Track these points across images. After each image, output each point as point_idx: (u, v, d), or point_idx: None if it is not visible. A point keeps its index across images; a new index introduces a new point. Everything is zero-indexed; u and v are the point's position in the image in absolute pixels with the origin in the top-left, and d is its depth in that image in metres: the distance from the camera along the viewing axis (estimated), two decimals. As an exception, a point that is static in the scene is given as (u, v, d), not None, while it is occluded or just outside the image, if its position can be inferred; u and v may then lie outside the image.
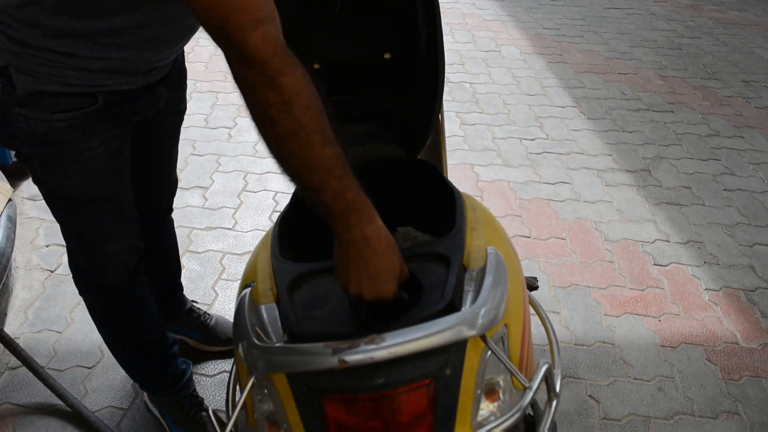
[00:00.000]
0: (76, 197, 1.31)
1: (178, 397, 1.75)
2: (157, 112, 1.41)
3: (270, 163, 3.03)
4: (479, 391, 0.92)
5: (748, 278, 2.42)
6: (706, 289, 2.36)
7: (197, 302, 2.08)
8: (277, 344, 0.91)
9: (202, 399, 1.79)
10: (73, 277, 1.52)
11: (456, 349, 0.89)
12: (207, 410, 1.00)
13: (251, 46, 0.84)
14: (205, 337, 1.99)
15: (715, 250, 2.56)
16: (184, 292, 2.01)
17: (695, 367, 2.03)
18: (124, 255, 1.45)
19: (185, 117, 1.61)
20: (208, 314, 2.03)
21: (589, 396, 1.93)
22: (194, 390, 1.79)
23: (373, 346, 0.83)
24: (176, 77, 1.44)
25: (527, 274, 2.38)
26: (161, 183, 1.67)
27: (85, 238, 1.40)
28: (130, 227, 1.43)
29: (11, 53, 1.12)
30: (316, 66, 1.35)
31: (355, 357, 0.82)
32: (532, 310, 1.39)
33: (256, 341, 0.91)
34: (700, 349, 2.10)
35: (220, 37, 0.87)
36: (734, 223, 2.73)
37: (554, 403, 1.02)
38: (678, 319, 2.22)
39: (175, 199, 1.79)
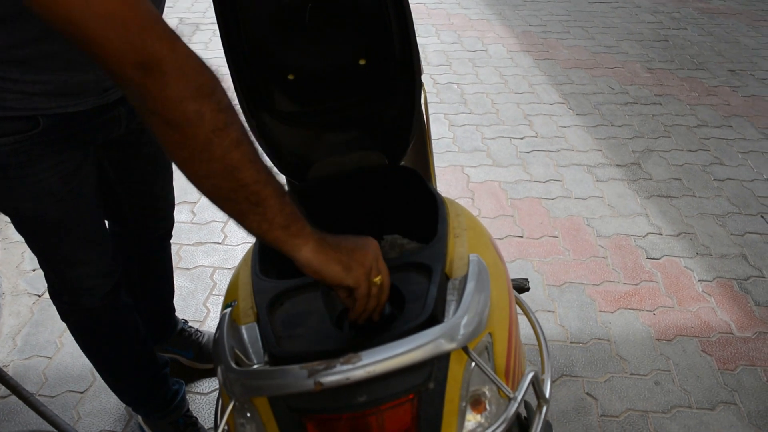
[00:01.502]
0: (33, 221, 1.29)
1: (172, 418, 1.74)
2: (127, 133, 1.38)
3: (260, 174, 3.03)
4: (464, 404, 0.91)
5: (740, 267, 2.42)
6: (699, 281, 2.36)
7: (188, 320, 2.08)
8: (254, 367, 0.89)
9: (197, 419, 1.79)
10: (53, 301, 1.50)
11: (439, 362, 0.88)
12: None
13: (182, 56, 0.72)
14: (198, 356, 1.98)
15: (707, 240, 2.57)
16: (176, 311, 2.00)
17: (691, 360, 2.04)
18: (96, 279, 1.42)
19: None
20: (200, 332, 2.01)
21: (587, 393, 1.93)
22: (188, 410, 1.78)
23: (349, 366, 0.81)
24: None
25: (521, 274, 2.39)
26: (153, 206, 1.63)
27: (52, 262, 1.38)
28: (98, 252, 1.39)
29: None
30: (291, 77, 1.33)
31: (331, 378, 0.80)
32: (521, 312, 1.39)
33: (233, 365, 0.89)
34: (695, 340, 2.11)
35: (134, 59, 0.69)
36: (725, 212, 2.74)
37: (544, 408, 1.01)
38: (672, 311, 2.22)
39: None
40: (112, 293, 1.47)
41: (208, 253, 2.54)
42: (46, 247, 1.35)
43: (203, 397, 1.95)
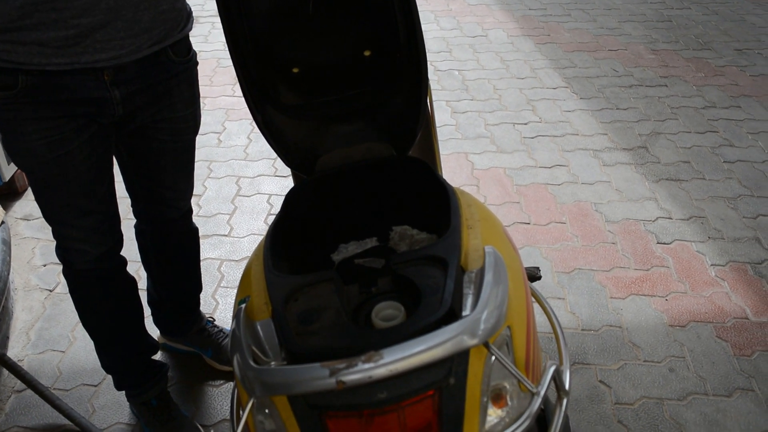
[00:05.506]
0: (28, 175, 1.40)
1: (144, 398, 1.75)
2: (141, 126, 1.45)
3: (262, 166, 3.00)
4: (486, 399, 0.90)
5: (753, 251, 2.38)
6: (712, 265, 2.32)
7: (214, 319, 2.05)
8: (273, 365, 0.88)
9: (173, 403, 1.79)
10: (56, 256, 1.59)
11: (459, 358, 0.87)
12: None
13: None
14: (216, 356, 1.96)
15: (718, 224, 2.53)
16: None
17: (706, 345, 2.00)
18: (83, 244, 1.50)
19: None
20: (223, 332, 1.99)
21: (600, 381, 1.90)
22: (163, 392, 1.79)
23: (371, 365, 0.80)
24: (146, 89, 1.41)
25: (529, 261, 2.35)
26: (160, 193, 1.65)
27: (47, 215, 1.48)
28: (88, 221, 1.47)
29: None
30: (296, 70, 1.31)
31: (353, 377, 0.80)
32: (534, 301, 1.36)
33: (252, 363, 0.88)
34: (710, 326, 2.07)
35: None
36: (736, 195, 2.69)
37: (564, 401, 0.99)
38: (685, 297, 2.19)
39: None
40: (102, 261, 1.54)
41: (214, 245, 2.52)
42: (40, 201, 1.45)
43: (214, 389, 1.93)
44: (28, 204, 2.76)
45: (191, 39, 1.52)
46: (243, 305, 1.04)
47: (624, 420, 1.78)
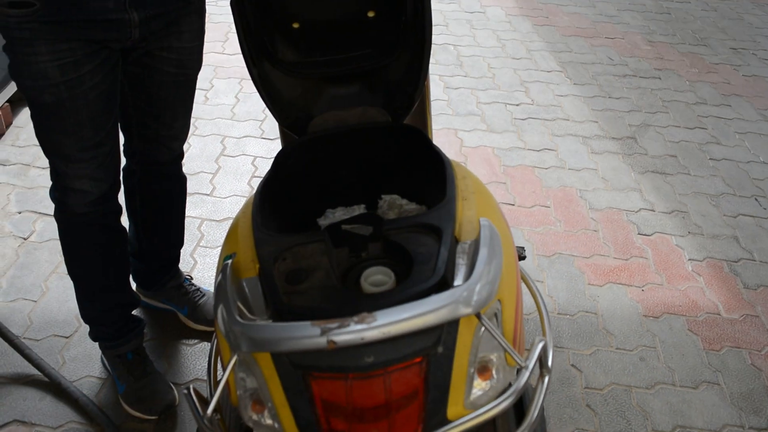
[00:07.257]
0: (31, 100, 1.37)
1: (120, 351, 1.74)
2: (146, 53, 1.44)
3: (249, 127, 2.96)
4: (472, 370, 0.90)
5: (731, 249, 2.41)
6: (689, 260, 2.35)
7: (191, 277, 2.04)
8: (261, 322, 0.87)
9: (149, 359, 1.78)
10: (50, 197, 1.56)
11: (449, 326, 0.87)
12: (188, 388, 0.96)
13: None
14: (192, 315, 1.95)
15: (699, 220, 2.55)
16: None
17: (677, 338, 2.03)
18: (84, 182, 1.46)
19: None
20: (201, 291, 1.98)
21: (572, 365, 1.92)
22: (140, 348, 1.78)
23: (363, 326, 0.79)
24: (162, 15, 1.40)
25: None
26: (156, 130, 1.63)
27: (48, 150, 1.44)
28: (93, 154, 1.44)
29: None
30: (296, 25, 1.28)
31: (344, 337, 0.79)
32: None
33: (238, 318, 0.87)
34: (683, 319, 2.10)
35: None
36: (719, 193, 2.72)
37: (546, 379, 0.99)
38: (661, 289, 2.21)
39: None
40: (98, 203, 1.51)
41: (196, 204, 2.49)
42: (44, 132, 1.41)
43: (189, 348, 1.92)
44: (4, 149, 2.70)
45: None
46: (229, 261, 1.03)
47: (592, 404, 1.81)
